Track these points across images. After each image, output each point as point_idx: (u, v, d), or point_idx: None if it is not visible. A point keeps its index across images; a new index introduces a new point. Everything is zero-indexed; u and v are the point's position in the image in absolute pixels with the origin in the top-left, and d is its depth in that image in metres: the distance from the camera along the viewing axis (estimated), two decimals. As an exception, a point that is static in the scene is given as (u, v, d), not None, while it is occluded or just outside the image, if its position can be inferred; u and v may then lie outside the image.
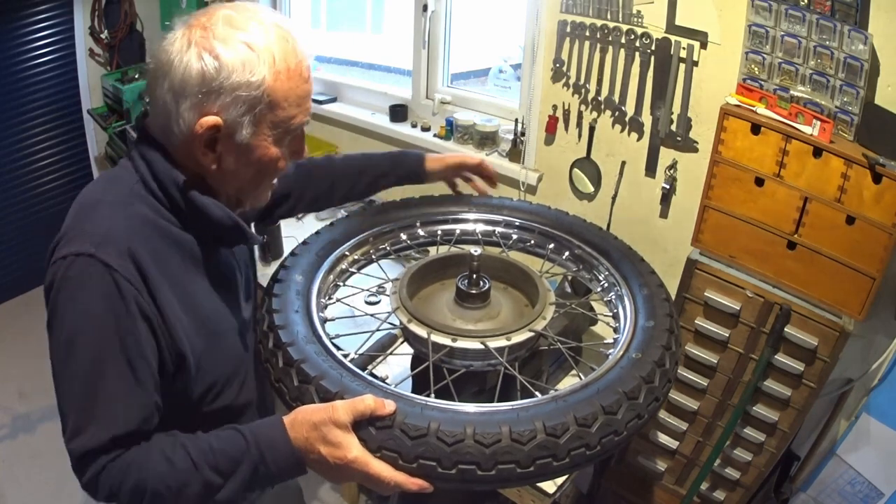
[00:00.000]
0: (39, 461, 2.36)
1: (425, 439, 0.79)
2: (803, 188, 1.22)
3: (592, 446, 0.82)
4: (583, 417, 0.82)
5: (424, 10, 2.18)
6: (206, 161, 0.83)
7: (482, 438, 0.79)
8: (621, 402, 0.85)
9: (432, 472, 0.79)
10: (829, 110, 1.28)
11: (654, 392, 0.90)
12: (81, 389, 0.77)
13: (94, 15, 3.30)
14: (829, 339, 1.23)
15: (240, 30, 0.80)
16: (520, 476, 0.80)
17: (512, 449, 0.79)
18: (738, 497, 1.48)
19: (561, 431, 0.80)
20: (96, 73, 3.33)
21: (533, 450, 0.79)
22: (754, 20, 1.33)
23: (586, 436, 0.81)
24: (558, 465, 0.81)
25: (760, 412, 1.36)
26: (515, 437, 0.79)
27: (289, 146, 0.88)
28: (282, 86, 0.81)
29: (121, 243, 0.78)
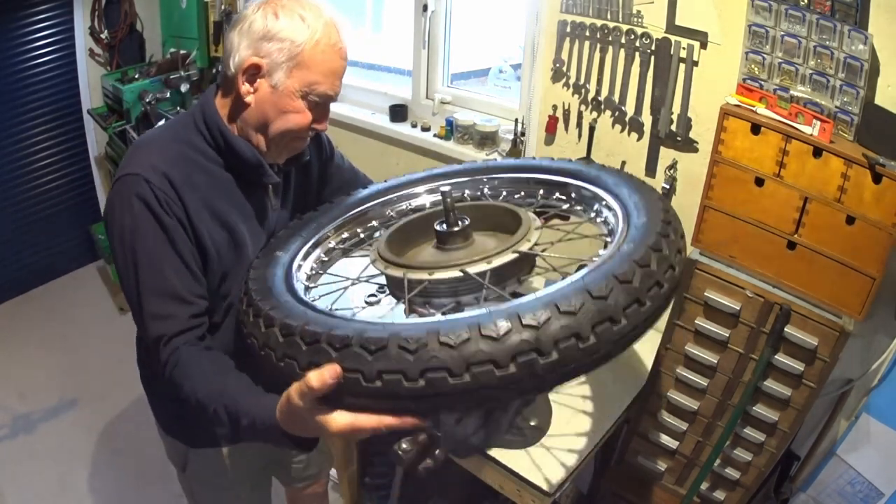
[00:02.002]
0: (39, 461, 2.36)
1: (385, 351, 0.72)
2: (803, 188, 1.22)
3: (584, 336, 0.72)
4: (566, 305, 0.72)
5: (424, 10, 2.18)
6: (244, 91, 1.04)
7: (448, 339, 0.70)
8: (611, 285, 0.75)
9: (399, 388, 0.72)
10: (829, 110, 1.28)
11: (653, 276, 0.80)
12: (149, 279, 0.99)
13: (94, 15, 3.30)
14: (829, 339, 1.23)
15: (301, 6, 1.03)
16: (500, 381, 0.70)
17: (485, 346, 0.70)
18: (738, 497, 1.48)
19: (542, 321, 0.70)
20: (96, 73, 3.33)
21: (510, 345, 0.70)
22: (754, 20, 1.33)
23: (574, 324, 0.72)
24: (545, 363, 0.71)
25: (760, 412, 1.36)
26: (487, 334, 0.70)
27: (314, 112, 1.08)
28: (317, 54, 1.03)
29: (159, 168, 1.01)
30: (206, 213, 1.06)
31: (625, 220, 0.95)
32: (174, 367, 0.98)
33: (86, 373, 2.89)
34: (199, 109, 1.10)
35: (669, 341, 1.45)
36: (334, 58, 1.05)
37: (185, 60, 3.00)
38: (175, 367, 0.98)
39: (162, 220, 1.00)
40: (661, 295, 0.81)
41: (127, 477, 2.32)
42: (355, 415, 0.78)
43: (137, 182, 0.99)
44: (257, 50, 1.02)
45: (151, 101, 2.78)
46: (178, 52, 3.05)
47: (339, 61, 1.06)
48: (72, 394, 2.76)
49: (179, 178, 1.02)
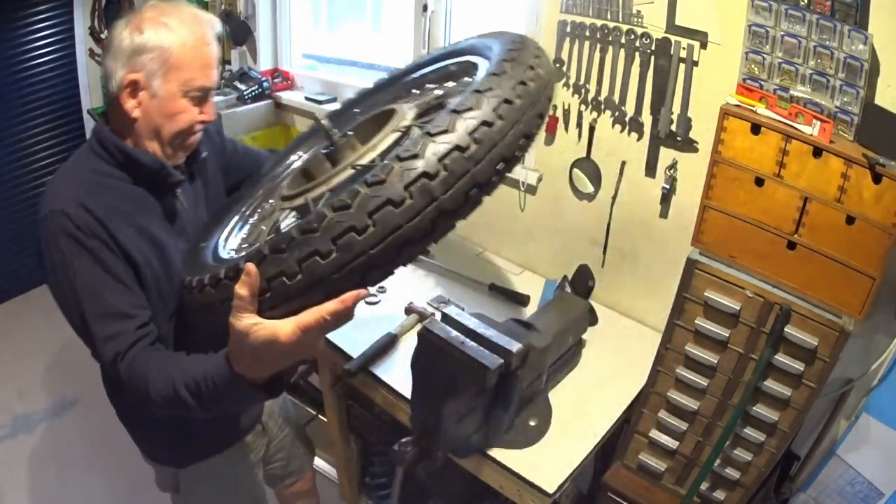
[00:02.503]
0: (39, 461, 2.36)
1: (293, 242, 0.75)
2: (803, 188, 1.22)
3: (465, 146, 0.76)
4: (437, 128, 0.77)
5: (424, 10, 2.18)
6: (130, 107, 1.10)
7: (342, 201, 0.74)
8: (473, 98, 0.80)
9: (319, 268, 0.74)
10: (829, 110, 1.28)
11: (515, 79, 0.84)
12: (91, 306, 1.03)
13: (94, 15, 3.30)
14: (829, 339, 1.23)
15: (161, 14, 1.09)
16: (404, 217, 0.74)
17: (376, 191, 0.73)
18: (738, 497, 1.48)
19: (420, 148, 0.76)
20: (96, 73, 3.33)
21: (399, 181, 0.74)
22: (754, 20, 1.33)
23: (453, 139, 0.76)
24: (437, 182, 0.75)
25: (760, 412, 1.36)
26: (373, 180, 0.74)
27: (198, 105, 1.14)
28: (186, 52, 1.09)
29: (75, 199, 1.05)
30: (128, 229, 1.09)
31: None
32: (131, 376, 1.01)
33: (86, 373, 2.88)
34: (94, 137, 1.15)
35: (669, 341, 1.45)
36: (203, 51, 1.11)
37: (184, 60, 2.99)
38: (132, 376, 1.01)
39: (88, 247, 1.04)
40: (529, 92, 0.85)
41: (127, 477, 2.32)
42: (296, 316, 0.78)
43: (58, 218, 1.03)
44: (132, 66, 1.08)
45: (151, 101, 2.78)
46: (178, 52, 3.04)
47: (208, 53, 1.13)
48: (72, 394, 2.76)
49: (95, 204, 1.06)
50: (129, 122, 1.11)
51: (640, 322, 1.90)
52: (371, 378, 1.66)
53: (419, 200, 0.75)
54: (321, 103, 2.63)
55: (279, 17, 2.84)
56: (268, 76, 2.80)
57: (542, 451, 1.44)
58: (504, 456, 1.42)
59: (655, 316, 1.82)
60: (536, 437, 1.46)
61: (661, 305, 1.50)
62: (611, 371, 1.69)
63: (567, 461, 1.42)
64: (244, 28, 2.83)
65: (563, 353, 1.62)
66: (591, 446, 1.47)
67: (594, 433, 1.50)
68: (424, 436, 1.33)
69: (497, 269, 2.13)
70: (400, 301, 1.91)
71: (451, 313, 1.40)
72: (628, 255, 1.88)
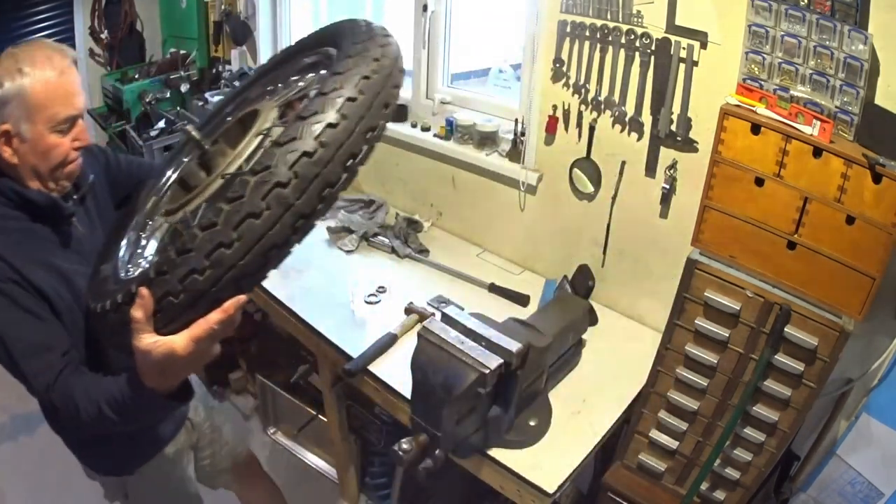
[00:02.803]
0: (39, 461, 2.36)
1: (172, 263, 0.81)
2: (803, 188, 1.22)
3: (334, 123, 0.82)
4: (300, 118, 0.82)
5: (424, 10, 2.18)
6: (8, 155, 1.13)
7: (206, 220, 0.79)
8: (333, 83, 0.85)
9: (199, 285, 0.80)
10: (829, 110, 1.28)
11: (359, 73, 0.89)
12: (17, 347, 1.08)
13: (94, 15, 3.30)
14: (829, 339, 1.23)
15: (16, 61, 1.11)
16: (274, 208, 0.79)
17: (237, 192, 0.78)
18: (738, 497, 1.48)
19: (277, 135, 0.82)
20: (96, 73, 3.33)
21: (264, 181, 0.78)
22: (754, 20, 1.33)
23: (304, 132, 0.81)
24: (312, 160, 0.80)
25: (760, 412, 1.36)
26: (233, 196, 0.79)
27: (70, 135, 1.18)
28: (46, 91, 1.12)
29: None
30: (36, 267, 1.13)
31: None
32: (63, 403, 1.07)
33: (86, 373, 2.89)
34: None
35: (669, 341, 1.45)
36: (61, 83, 1.14)
37: (185, 60, 3.00)
38: (64, 402, 1.07)
39: (5, 292, 1.09)
40: (372, 85, 0.90)
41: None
42: (188, 329, 0.84)
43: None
44: (1, 118, 1.12)
45: (151, 101, 2.78)
46: (178, 52, 3.05)
47: (66, 84, 1.15)
48: (72, 394, 2.76)
49: (2, 247, 1.11)
50: (11, 167, 1.16)
51: (640, 322, 1.90)
52: (371, 378, 1.66)
53: (276, 209, 0.80)
54: (321, 103, 2.63)
55: (279, 17, 2.84)
56: (268, 76, 2.80)
57: (542, 451, 1.44)
58: (504, 456, 1.42)
59: (655, 316, 1.82)
60: (536, 437, 1.46)
61: (661, 305, 1.50)
62: (611, 371, 1.69)
63: (567, 461, 1.42)
64: (244, 28, 2.83)
65: (563, 353, 1.62)
66: (591, 446, 1.47)
67: (594, 433, 1.50)
68: (424, 436, 1.33)
69: (497, 269, 2.13)
70: (400, 301, 1.91)
71: (451, 313, 1.40)
72: (628, 255, 1.88)
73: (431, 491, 2.02)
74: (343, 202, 2.45)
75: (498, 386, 1.33)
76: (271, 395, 2.53)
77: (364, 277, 2.06)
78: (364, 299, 1.95)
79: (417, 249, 2.20)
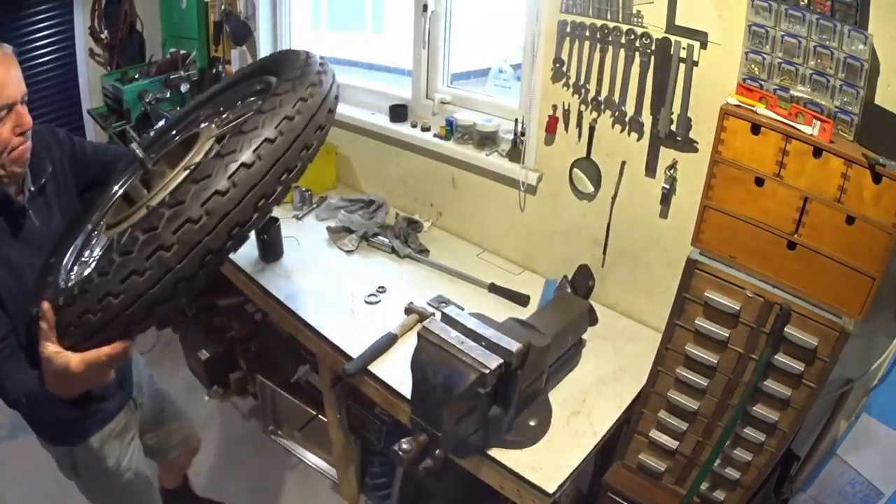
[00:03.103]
0: (39, 461, 2.36)
1: (73, 299, 0.89)
2: (803, 188, 1.22)
3: (249, 163, 0.86)
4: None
5: (424, 10, 2.18)
6: None
7: (99, 268, 0.86)
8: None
9: (92, 323, 0.88)
10: (829, 110, 1.28)
11: (292, 101, 0.94)
12: None
13: (94, 15, 3.30)
14: (829, 339, 1.23)
15: None
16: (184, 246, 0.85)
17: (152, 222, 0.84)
18: (738, 497, 1.48)
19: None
20: (96, 73, 3.34)
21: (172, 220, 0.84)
22: (754, 20, 1.33)
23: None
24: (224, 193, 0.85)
25: (760, 412, 1.36)
26: (120, 250, 0.85)
27: (7, 123, 1.21)
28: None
29: None
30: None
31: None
32: None
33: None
34: None
35: (669, 341, 1.45)
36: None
37: (185, 60, 3.00)
38: None
39: None
40: (294, 127, 0.93)
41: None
42: (84, 353, 0.92)
43: None
44: None
45: (151, 101, 2.78)
46: (178, 52, 3.05)
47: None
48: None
49: None
50: None
51: (640, 322, 1.90)
52: (371, 378, 1.66)
53: (185, 244, 0.85)
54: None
55: (279, 17, 2.84)
56: (268, 76, 2.80)
57: (542, 451, 1.44)
58: (504, 456, 1.42)
59: (655, 316, 1.82)
60: (536, 437, 1.46)
61: (661, 305, 1.50)
62: (611, 371, 1.69)
63: (567, 461, 1.42)
64: (244, 28, 2.83)
65: (563, 353, 1.62)
66: (591, 446, 1.47)
67: (594, 433, 1.50)
68: (424, 436, 1.33)
69: (497, 269, 2.14)
70: (400, 301, 1.91)
71: (451, 313, 1.40)
72: (628, 255, 1.88)
73: (431, 491, 2.02)
74: (343, 202, 2.45)
75: (498, 386, 1.33)
76: (271, 395, 2.53)
77: (364, 277, 2.06)
78: (364, 299, 1.95)
79: (417, 249, 2.20)
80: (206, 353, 2.73)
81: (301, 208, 2.49)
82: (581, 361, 1.72)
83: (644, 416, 1.56)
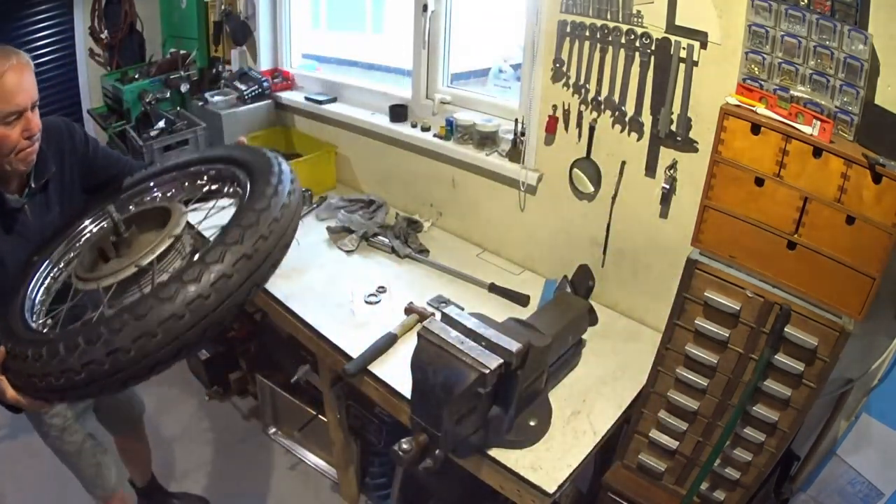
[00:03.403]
0: (39, 461, 2.35)
1: (42, 349, 1.01)
2: (803, 188, 1.22)
3: (229, 273, 1.00)
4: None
5: (424, 10, 2.18)
6: None
7: (69, 343, 0.98)
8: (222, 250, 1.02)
9: (52, 383, 0.99)
10: (829, 110, 1.28)
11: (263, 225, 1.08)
12: None
13: (94, 15, 3.30)
14: (829, 339, 1.23)
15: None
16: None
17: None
18: (738, 497, 1.48)
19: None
20: (96, 73, 3.34)
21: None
22: (754, 20, 1.33)
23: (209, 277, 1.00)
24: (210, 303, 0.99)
25: (760, 412, 1.36)
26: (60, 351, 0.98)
27: (17, 126, 1.29)
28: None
29: None
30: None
31: (248, 185, 1.22)
32: None
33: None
34: None
35: (669, 341, 1.45)
36: (3, 82, 1.24)
37: (185, 60, 3.00)
38: None
39: None
40: (249, 266, 1.05)
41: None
42: (20, 395, 1.07)
43: None
44: None
45: (151, 101, 2.78)
46: (178, 52, 3.05)
47: (9, 81, 1.25)
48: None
49: None
50: None
51: (640, 322, 1.90)
52: (371, 378, 1.66)
53: (139, 352, 0.96)
54: (321, 103, 2.63)
55: (279, 17, 2.84)
56: (268, 76, 2.80)
57: (542, 451, 1.44)
58: (504, 456, 1.42)
59: (655, 316, 1.82)
60: (536, 437, 1.46)
61: (661, 305, 1.50)
62: (611, 371, 1.69)
63: (567, 461, 1.42)
64: (244, 28, 2.84)
65: (563, 353, 1.62)
66: (591, 446, 1.47)
67: (594, 433, 1.50)
68: (424, 436, 1.33)
69: (497, 270, 2.14)
70: (400, 301, 1.91)
71: (451, 313, 1.40)
72: (628, 255, 1.88)
73: (431, 491, 2.02)
74: (343, 202, 2.45)
75: (498, 386, 1.33)
76: (271, 395, 2.53)
77: (364, 277, 2.06)
78: (364, 299, 1.95)
79: (417, 249, 2.20)
80: (206, 353, 2.73)
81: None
82: (581, 361, 1.72)
83: (644, 416, 1.56)
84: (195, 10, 3.00)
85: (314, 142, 2.73)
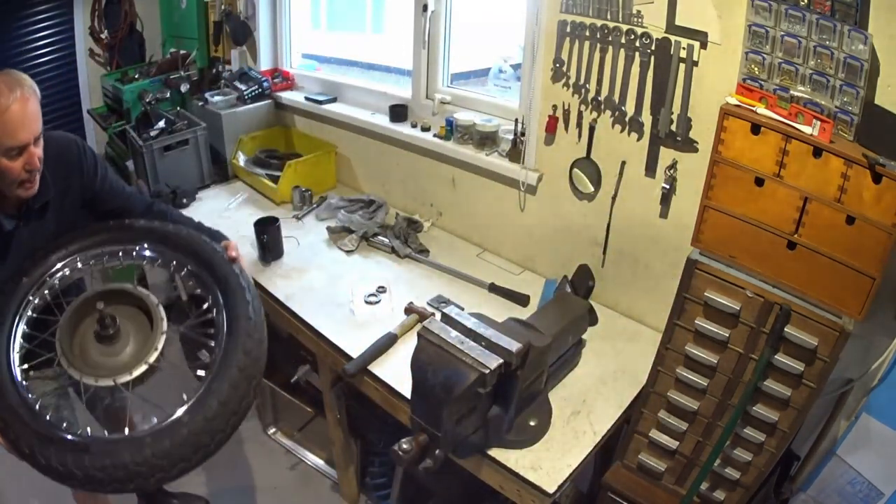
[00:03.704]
0: (39, 461, 2.36)
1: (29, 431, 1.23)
2: (803, 188, 1.22)
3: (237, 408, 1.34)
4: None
5: (424, 10, 2.18)
6: None
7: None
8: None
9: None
10: (829, 110, 1.28)
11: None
12: None
13: (94, 15, 3.30)
14: (829, 339, 1.23)
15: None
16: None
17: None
18: (738, 497, 1.48)
19: None
20: (96, 73, 3.34)
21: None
22: (754, 20, 1.33)
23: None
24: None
25: (760, 412, 1.36)
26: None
27: (19, 159, 1.31)
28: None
29: None
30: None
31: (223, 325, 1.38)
32: None
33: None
34: None
35: (669, 341, 1.45)
36: (6, 120, 1.25)
37: (185, 60, 3.00)
38: None
39: None
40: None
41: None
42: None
43: None
44: None
45: (151, 101, 2.78)
46: (178, 52, 3.05)
47: (10, 118, 1.25)
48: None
49: None
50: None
51: (640, 322, 1.90)
52: (371, 378, 1.66)
53: (118, 474, 1.21)
54: (321, 103, 2.63)
55: (279, 17, 2.84)
56: (268, 76, 2.80)
57: (542, 451, 1.44)
58: (504, 456, 1.42)
59: (655, 316, 1.82)
60: (536, 437, 1.46)
61: (661, 305, 1.50)
62: (611, 371, 1.69)
63: (567, 461, 1.42)
64: (244, 28, 2.84)
65: (563, 353, 1.62)
66: (591, 446, 1.47)
67: (594, 433, 1.50)
68: (424, 436, 1.33)
69: (497, 269, 2.14)
70: (400, 301, 1.91)
71: (451, 313, 1.40)
72: (628, 255, 1.88)
73: (431, 491, 2.02)
74: (343, 202, 2.45)
75: (498, 386, 1.33)
76: (271, 395, 2.53)
77: (364, 277, 2.06)
78: (364, 299, 1.95)
79: (417, 249, 2.20)
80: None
81: (301, 208, 2.49)
82: (581, 361, 1.72)
83: (644, 416, 1.56)
84: (195, 10, 3.00)
85: (314, 142, 2.73)
